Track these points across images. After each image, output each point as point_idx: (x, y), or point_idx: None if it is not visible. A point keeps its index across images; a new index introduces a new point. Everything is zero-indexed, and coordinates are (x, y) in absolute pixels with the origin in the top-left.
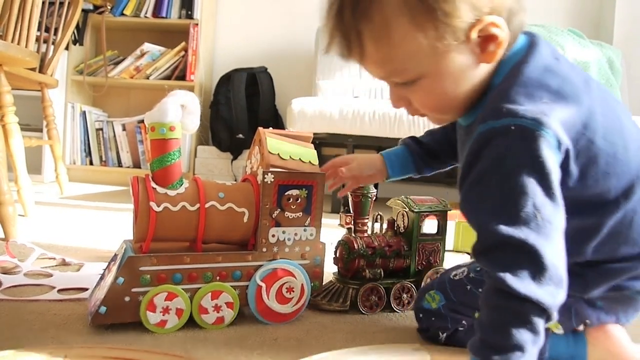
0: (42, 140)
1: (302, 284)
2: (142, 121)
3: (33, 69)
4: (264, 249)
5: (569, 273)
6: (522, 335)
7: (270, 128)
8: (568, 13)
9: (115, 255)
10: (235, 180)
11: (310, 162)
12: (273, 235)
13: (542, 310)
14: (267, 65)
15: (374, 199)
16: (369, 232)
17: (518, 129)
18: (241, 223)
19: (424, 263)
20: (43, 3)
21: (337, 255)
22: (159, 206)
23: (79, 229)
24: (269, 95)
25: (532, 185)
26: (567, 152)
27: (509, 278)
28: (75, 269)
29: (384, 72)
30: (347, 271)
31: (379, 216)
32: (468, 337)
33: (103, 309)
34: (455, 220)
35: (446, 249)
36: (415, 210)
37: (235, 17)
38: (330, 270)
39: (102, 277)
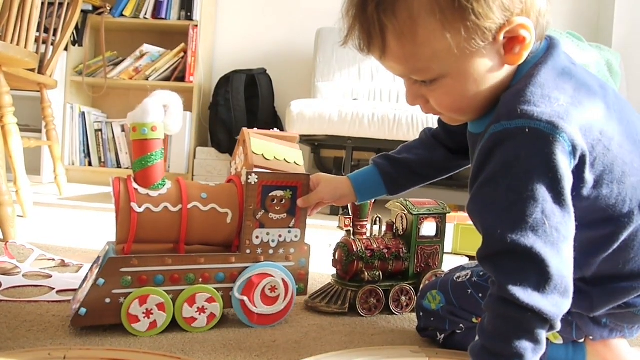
0: (41, 141)
1: (282, 279)
2: None
3: (32, 70)
4: (248, 251)
5: (575, 291)
6: (522, 344)
7: (255, 129)
8: (567, 16)
9: (99, 257)
10: None
11: (295, 162)
12: (257, 237)
13: (545, 320)
14: (267, 66)
15: (373, 201)
16: (368, 234)
17: (532, 132)
18: (224, 224)
19: (422, 266)
20: (42, 4)
21: (336, 257)
22: (140, 207)
23: (77, 230)
24: (268, 97)
25: (542, 191)
26: (582, 158)
27: (512, 287)
28: (75, 270)
29: (405, 70)
30: (345, 273)
31: (378, 219)
32: (466, 340)
33: (83, 310)
34: (454, 222)
35: (445, 251)
36: (414, 213)
37: (234, 18)
38: (318, 272)
39: (85, 279)
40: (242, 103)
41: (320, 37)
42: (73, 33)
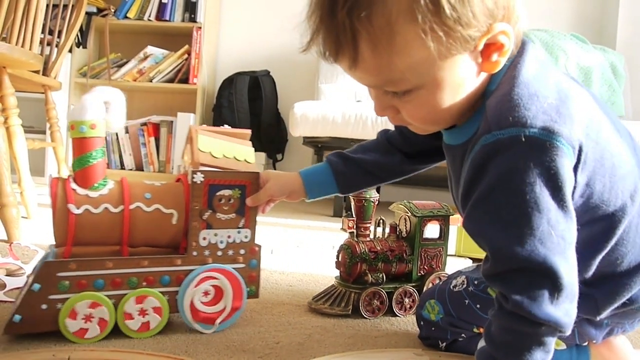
0: (45, 143)
1: (231, 281)
2: (145, 124)
3: (37, 72)
4: (195, 253)
5: (578, 295)
6: (534, 356)
7: (204, 125)
8: (571, 18)
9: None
10: None
11: (245, 160)
12: (204, 238)
13: (558, 330)
14: (270, 68)
15: (376, 203)
16: (372, 236)
17: (528, 140)
18: (169, 225)
19: (426, 268)
20: (47, 6)
21: (340, 259)
22: (78, 208)
23: None
24: (271, 98)
25: (545, 200)
26: (579, 154)
27: (526, 303)
28: None
29: (378, 81)
30: (349, 275)
31: (381, 220)
32: (468, 346)
33: (17, 317)
34: (458, 224)
35: (448, 253)
36: (418, 215)
37: (238, 20)
38: (321, 274)
39: (25, 284)
40: (246, 105)
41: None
42: (77, 35)
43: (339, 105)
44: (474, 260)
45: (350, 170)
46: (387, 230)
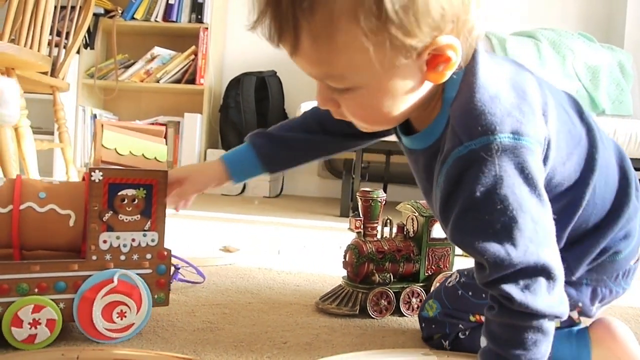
0: (53, 144)
1: (133, 288)
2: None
3: (45, 73)
4: (94, 257)
5: None
6: (540, 347)
7: (115, 120)
8: (578, 17)
9: None
10: (245, 185)
11: (156, 158)
12: (105, 241)
13: (557, 317)
14: (277, 69)
15: (383, 203)
16: (379, 236)
17: (500, 147)
18: (66, 227)
19: (433, 267)
20: (55, 7)
21: (347, 259)
22: None
23: None
24: (278, 99)
25: (525, 199)
26: (546, 145)
27: (530, 300)
28: None
29: (318, 73)
30: (356, 275)
31: (388, 220)
32: (472, 342)
33: None
34: None
35: (456, 253)
36: (425, 215)
37: (245, 21)
38: (329, 274)
39: None
40: (253, 105)
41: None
42: (85, 36)
43: None
44: None
45: (274, 150)
46: (395, 230)
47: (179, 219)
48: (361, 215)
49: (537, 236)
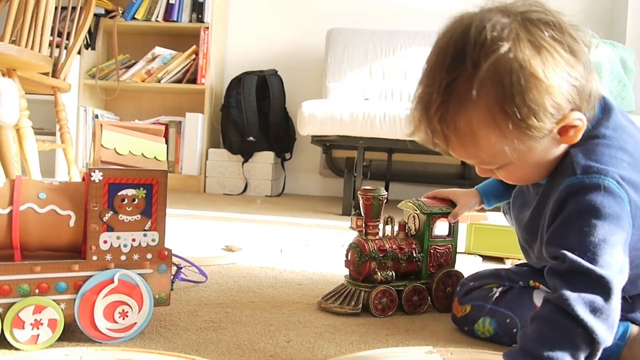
0: (55, 144)
1: (134, 288)
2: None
3: (46, 74)
4: (95, 257)
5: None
6: (563, 356)
7: (114, 120)
8: (580, 13)
9: None
10: (247, 184)
11: (155, 158)
12: (105, 242)
13: (591, 342)
14: (278, 68)
15: (384, 201)
16: (380, 234)
17: (605, 187)
18: (66, 228)
19: (435, 265)
20: (55, 8)
21: (349, 258)
22: None
23: None
24: (279, 98)
25: (611, 235)
26: (630, 209)
27: (573, 298)
28: None
29: (471, 161)
30: (358, 274)
31: (390, 219)
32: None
33: None
34: (468, 222)
35: (458, 250)
36: (426, 212)
37: (245, 20)
38: (331, 272)
39: None
40: (254, 104)
41: (331, 37)
42: (86, 37)
43: (346, 104)
44: (484, 257)
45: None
46: (396, 228)
47: (181, 218)
48: (362, 214)
49: (611, 269)
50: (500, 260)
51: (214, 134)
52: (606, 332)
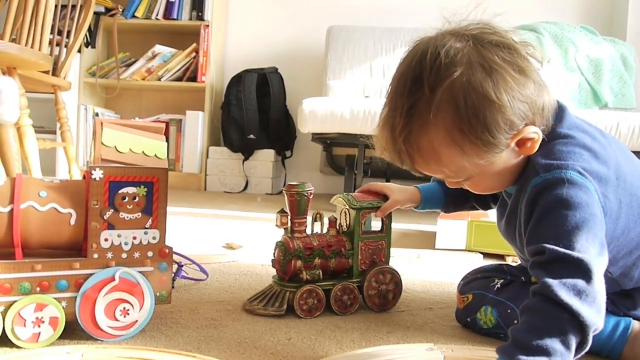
0: (55, 142)
1: (136, 286)
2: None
3: (46, 72)
4: (96, 255)
5: (618, 295)
6: (553, 343)
7: (114, 118)
8: (581, 10)
9: None
10: (247, 182)
11: (156, 155)
12: (106, 240)
13: (580, 326)
14: (278, 65)
15: (311, 197)
16: (308, 231)
17: (568, 179)
18: (66, 226)
19: (367, 262)
20: (55, 6)
21: (275, 257)
22: None
23: None
24: (279, 95)
25: (583, 222)
26: (598, 198)
27: (556, 285)
28: None
29: (436, 175)
30: (284, 273)
31: (318, 215)
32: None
33: None
34: (468, 219)
35: (459, 248)
36: (355, 207)
37: (245, 18)
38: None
39: None
40: (254, 102)
41: (331, 35)
42: (86, 35)
43: (347, 101)
44: (485, 255)
45: (454, 194)
46: (327, 224)
47: (182, 216)
48: (288, 211)
49: (588, 252)
50: (501, 257)
51: (214, 132)
52: (594, 314)
